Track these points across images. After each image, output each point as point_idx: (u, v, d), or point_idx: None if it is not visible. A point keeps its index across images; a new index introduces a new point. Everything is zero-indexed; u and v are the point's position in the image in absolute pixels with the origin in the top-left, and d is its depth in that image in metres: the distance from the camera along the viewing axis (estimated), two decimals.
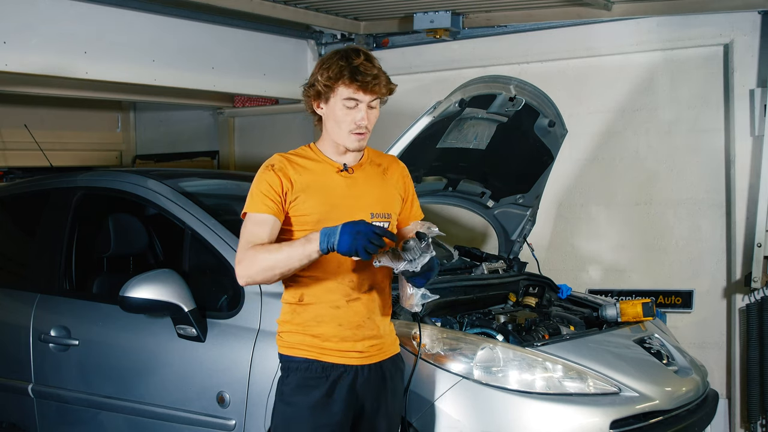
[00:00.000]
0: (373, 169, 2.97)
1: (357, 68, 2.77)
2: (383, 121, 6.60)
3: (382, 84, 2.81)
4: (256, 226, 2.77)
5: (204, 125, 7.58)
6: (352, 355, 2.85)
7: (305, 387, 2.82)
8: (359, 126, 2.81)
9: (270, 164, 2.86)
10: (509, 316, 3.86)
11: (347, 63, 2.78)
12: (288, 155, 2.90)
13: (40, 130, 6.41)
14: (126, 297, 3.54)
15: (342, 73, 2.77)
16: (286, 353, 2.87)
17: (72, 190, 4.38)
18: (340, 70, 2.78)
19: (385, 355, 2.95)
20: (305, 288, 2.85)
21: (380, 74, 2.80)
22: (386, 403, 2.94)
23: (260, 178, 2.84)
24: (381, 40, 6.36)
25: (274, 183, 2.80)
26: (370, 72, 2.77)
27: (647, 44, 5.47)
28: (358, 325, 2.86)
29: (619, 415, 3.22)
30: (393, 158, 3.11)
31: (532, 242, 4.73)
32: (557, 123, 4.33)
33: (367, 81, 2.77)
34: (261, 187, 2.81)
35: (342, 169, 2.89)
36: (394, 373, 2.99)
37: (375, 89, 2.79)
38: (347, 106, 2.81)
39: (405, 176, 3.07)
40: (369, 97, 2.80)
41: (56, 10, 5.03)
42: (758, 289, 5.13)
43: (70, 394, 4.01)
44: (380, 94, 2.82)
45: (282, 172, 2.82)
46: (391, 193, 2.98)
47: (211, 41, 5.90)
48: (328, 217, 2.79)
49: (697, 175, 5.41)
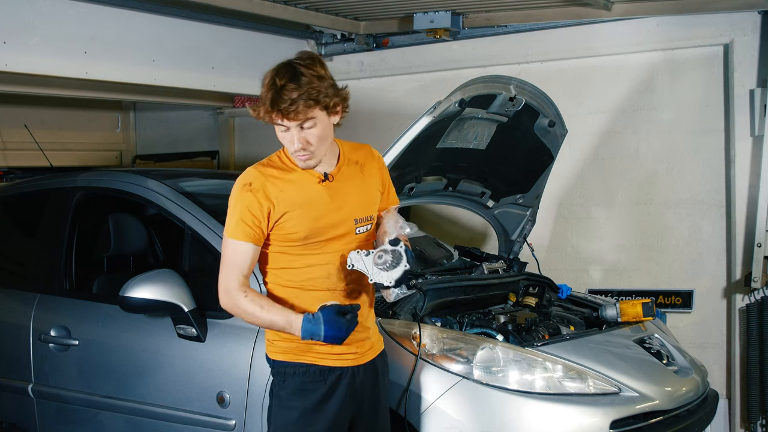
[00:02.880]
0: (351, 169, 2.92)
1: (277, 94, 2.64)
2: (383, 121, 6.60)
3: (300, 109, 2.63)
4: (236, 255, 2.78)
5: (204, 125, 7.58)
6: (347, 357, 2.87)
7: (304, 391, 2.82)
8: (296, 149, 2.74)
9: (247, 182, 2.77)
10: (509, 316, 3.86)
11: (272, 87, 2.66)
12: (264, 169, 2.81)
13: (40, 130, 6.41)
14: (126, 297, 3.54)
15: (264, 101, 2.68)
16: (281, 359, 2.87)
17: (72, 190, 4.38)
18: (264, 96, 2.68)
19: (375, 353, 2.99)
20: (295, 299, 2.85)
21: (300, 101, 2.63)
22: (379, 398, 2.98)
23: (238, 200, 2.77)
24: (381, 40, 6.36)
25: (252, 207, 2.75)
26: (288, 97, 2.62)
27: (647, 44, 5.47)
28: None
29: (619, 415, 3.22)
30: (368, 149, 3.03)
31: (532, 242, 4.73)
32: (557, 123, 4.33)
33: (282, 108, 2.64)
34: (239, 212, 2.76)
35: (323, 179, 2.84)
36: (384, 368, 3.04)
37: (291, 116, 2.65)
38: (281, 130, 2.74)
39: (381, 167, 3.04)
40: (294, 123, 2.68)
41: (56, 10, 5.03)
42: (758, 289, 5.13)
43: (70, 394, 4.01)
44: (305, 117, 2.66)
45: (261, 193, 2.75)
46: (371, 193, 2.96)
47: (211, 41, 5.90)
48: (313, 232, 2.79)
49: (697, 175, 5.41)
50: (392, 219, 2.89)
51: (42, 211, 4.45)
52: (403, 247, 2.74)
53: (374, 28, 6.24)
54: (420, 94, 6.16)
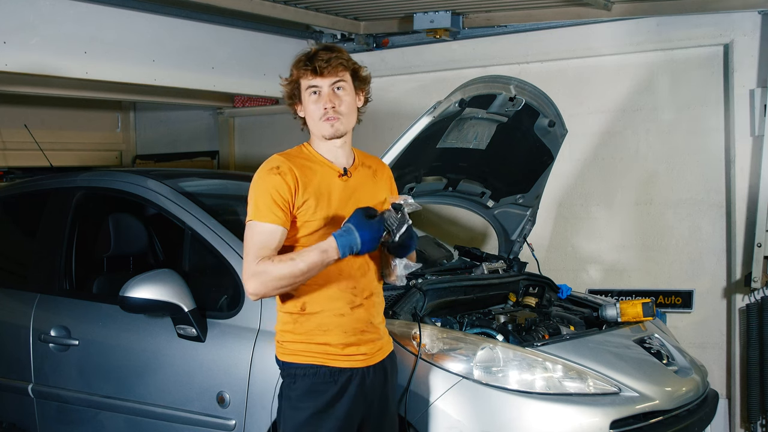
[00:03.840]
0: (365, 171, 3.00)
1: (311, 57, 2.84)
2: (383, 121, 6.59)
3: (333, 66, 2.81)
4: (265, 238, 2.73)
5: (204, 125, 7.58)
6: (357, 358, 2.87)
7: (314, 392, 2.82)
8: (326, 110, 2.83)
9: (274, 166, 2.80)
10: (509, 316, 3.86)
11: (305, 54, 2.88)
12: (289, 155, 2.87)
13: (40, 130, 6.41)
14: (126, 297, 3.54)
15: (298, 66, 2.86)
16: (291, 360, 2.87)
17: (72, 190, 4.38)
18: (296, 64, 2.87)
19: (385, 354, 2.98)
20: (307, 297, 2.84)
21: (333, 59, 2.82)
22: (388, 400, 2.99)
23: (265, 183, 2.78)
24: (381, 40, 6.37)
25: (281, 188, 2.76)
26: (322, 57, 2.81)
27: (647, 44, 5.47)
28: (361, 331, 2.88)
29: (619, 415, 3.21)
30: (379, 160, 3.17)
31: (532, 242, 4.73)
32: (557, 123, 4.33)
33: (318, 65, 2.80)
34: (268, 193, 2.75)
35: (342, 174, 2.90)
36: (393, 369, 3.04)
37: (326, 71, 2.81)
38: (312, 95, 2.85)
39: (390, 178, 3.14)
40: (327, 81, 2.82)
41: (56, 10, 5.03)
42: (758, 289, 5.13)
43: (70, 394, 4.01)
44: (337, 76, 2.83)
45: (290, 175, 2.78)
46: (382, 195, 3.01)
47: (211, 41, 5.90)
48: (332, 222, 2.81)
49: (697, 175, 5.41)
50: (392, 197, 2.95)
51: (42, 211, 4.45)
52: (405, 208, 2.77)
53: (374, 28, 6.24)
54: (420, 94, 6.17)
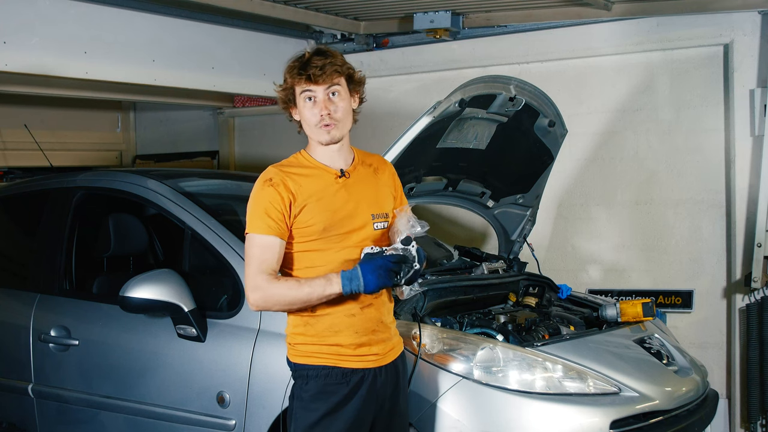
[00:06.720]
0: (365, 169, 2.99)
1: (304, 64, 2.82)
2: (383, 121, 6.60)
3: (328, 73, 2.80)
4: (262, 251, 2.77)
5: (204, 125, 7.58)
6: (369, 359, 2.87)
7: (326, 393, 2.82)
8: (322, 117, 2.83)
9: (267, 178, 2.84)
10: (509, 316, 3.86)
11: (299, 60, 2.85)
12: (282, 166, 2.89)
13: (40, 130, 6.41)
14: (126, 297, 3.55)
15: (292, 73, 2.84)
16: (303, 362, 2.87)
17: (72, 190, 4.38)
18: (290, 70, 2.85)
19: (396, 354, 2.98)
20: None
21: (328, 66, 2.80)
22: (399, 400, 2.98)
23: (260, 196, 2.82)
24: (381, 40, 6.37)
25: (275, 200, 2.79)
26: (316, 63, 2.80)
27: (647, 44, 5.47)
28: (373, 330, 2.88)
29: (619, 415, 3.22)
30: (380, 158, 3.15)
31: (532, 242, 4.73)
32: (557, 123, 4.33)
33: (312, 73, 2.79)
34: (262, 206, 2.79)
35: (340, 175, 2.90)
36: (403, 369, 3.03)
37: (321, 79, 2.80)
38: (307, 101, 2.85)
39: (393, 174, 3.12)
40: (322, 87, 2.82)
41: (56, 10, 5.03)
42: (758, 289, 5.13)
43: (70, 394, 4.01)
44: (332, 82, 2.82)
45: (282, 186, 2.80)
46: (384, 193, 3.00)
47: (211, 41, 5.90)
48: (331, 224, 2.82)
49: (697, 175, 5.41)
50: (404, 218, 2.90)
51: (42, 211, 4.45)
52: (415, 246, 2.78)
53: (374, 28, 6.24)
54: (420, 94, 6.17)
